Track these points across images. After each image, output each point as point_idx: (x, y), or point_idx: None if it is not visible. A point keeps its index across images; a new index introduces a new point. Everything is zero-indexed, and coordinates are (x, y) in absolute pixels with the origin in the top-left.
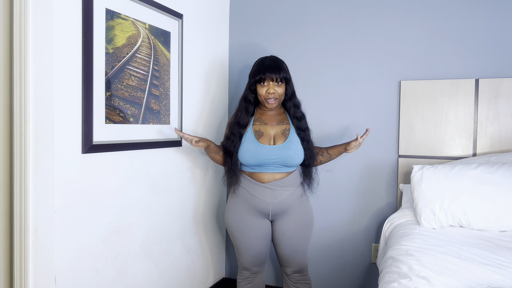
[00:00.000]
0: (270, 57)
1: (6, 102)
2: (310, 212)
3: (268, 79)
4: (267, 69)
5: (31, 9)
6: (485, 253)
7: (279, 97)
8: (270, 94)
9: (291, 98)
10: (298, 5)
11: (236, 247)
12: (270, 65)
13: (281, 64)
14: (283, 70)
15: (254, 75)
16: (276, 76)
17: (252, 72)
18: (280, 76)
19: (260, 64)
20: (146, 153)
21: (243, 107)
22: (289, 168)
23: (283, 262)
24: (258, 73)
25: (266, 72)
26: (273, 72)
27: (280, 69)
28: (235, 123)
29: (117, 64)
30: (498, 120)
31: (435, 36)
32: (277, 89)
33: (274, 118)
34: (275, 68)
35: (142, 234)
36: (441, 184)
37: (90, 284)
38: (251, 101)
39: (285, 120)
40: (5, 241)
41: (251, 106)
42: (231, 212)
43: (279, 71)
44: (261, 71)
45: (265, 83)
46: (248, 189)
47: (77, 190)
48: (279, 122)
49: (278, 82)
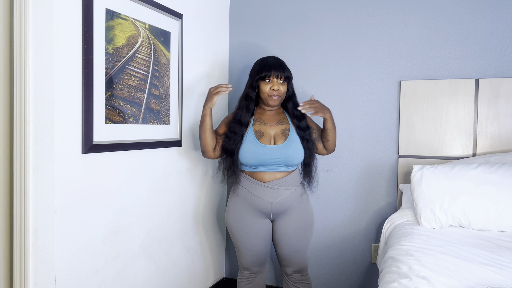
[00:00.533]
0: (272, 56)
1: (6, 102)
2: (311, 212)
3: (273, 76)
4: (272, 67)
5: (31, 9)
6: (485, 253)
7: (282, 95)
8: (275, 91)
9: (292, 98)
10: (298, 5)
11: (237, 247)
12: (274, 63)
13: (284, 64)
14: (287, 69)
15: (258, 72)
16: (280, 74)
17: (256, 70)
18: (285, 75)
19: (264, 62)
20: (146, 153)
21: (243, 105)
22: (289, 167)
23: (283, 262)
24: (263, 70)
25: (271, 70)
26: (278, 70)
27: (284, 68)
28: (235, 121)
29: (117, 64)
30: (498, 120)
31: (435, 36)
32: (281, 87)
33: (274, 118)
34: (280, 66)
35: (142, 234)
36: (441, 184)
37: (90, 284)
38: (252, 99)
39: (285, 120)
40: (5, 241)
41: (252, 104)
42: (232, 212)
43: (283, 69)
44: (266, 68)
45: (269, 80)
46: (249, 188)
47: (77, 190)
48: (279, 122)
49: (282, 81)
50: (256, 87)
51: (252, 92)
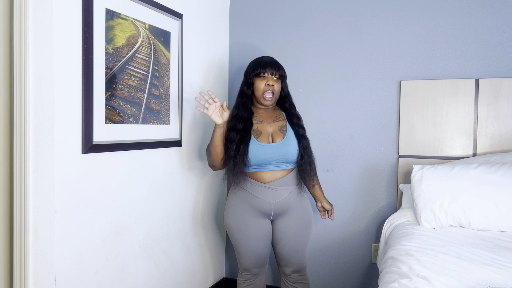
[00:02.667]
0: (267, 56)
1: (6, 102)
2: (309, 211)
3: (267, 73)
4: (267, 64)
5: (31, 9)
6: (485, 253)
7: (276, 93)
8: (269, 87)
9: (287, 97)
10: (298, 5)
11: (236, 249)
12: (269, 61)
13: (279, 63)
14: (281, 68)
15: (253, 69)
16: (275, 71)
17: (251, 67)
18: (280, 72)
19: (259, 60)
20: (146, 153)
21: (240, 103)
22: (289, 164)
23: (282, 262)
24: (259, 67)
25: (266, 67)
26: (273, 67)
27: (279, 66)
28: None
29: (117, 64)
30: (498, 120)
31: (435, 36)
32: (275, 84)
33: (270, 115)
34: (275, 64)
35: (142, 234)
36: (441, 184)
37: (90, 284)
38: (248, 96)
39: (281, 117)
40: (5, 241)
41: (249, 102)
42: (231, 213)
43: (278, 67)
44: (261, 65)
45: (264, 76)
46: (248, 189)
47: (77, 190)
48: (275, 119)
49: (276, 78)
50: (251, 84)
51: (248, 89)
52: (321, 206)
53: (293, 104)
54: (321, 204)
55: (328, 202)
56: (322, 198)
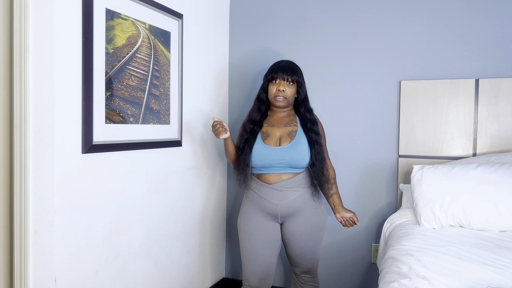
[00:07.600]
0: (285, 60)
1: (6, 102)
2: (323, 215)
3: (279, 78)
4: (280, 69)
5: (31, 9)
6: (485, 253)
7: (288, 97)
8: (280, 92)
9: (304, 102)
10: (298, 5)
11: (240, 252)
12: (284, 66)
13: (295, 67)
14: (296, 73)
15: (267, 74)
16: (287, 76)
17: (266, 72)
18: (292, 77)
19: (275, 65)
20: (146, 153)
21: (256, 107)
22: (295, 169)
23: (292, 262)
24: (271, 72)
25: (278, 71)
26: (285, 72)
27: (293, 71)
28: (247, 121)
29: (117, 64)
30: (498, 120)
31: (435, 36)
32: (287, 88)
33: (282, 120)
34: (288, 69)
35: (142, 234)
36: (441, 184)
37: (90, 284)
38: (263, 101)
39: (293, 122)
40: (5, 241)
41: (263, 106)
42: (243, 215)
43: (291, 72)
44: (274, 70)
45: (276, 81)
46: (256, 191)
47: (77, 190)
48: (287, 124)
49: (289, 83)
50: (266, 89)
51: (263, 93)
52: (341, 217)
53: (309, 108)
54: (340, 215)
55: (346, 210)
56: (339, 208)
